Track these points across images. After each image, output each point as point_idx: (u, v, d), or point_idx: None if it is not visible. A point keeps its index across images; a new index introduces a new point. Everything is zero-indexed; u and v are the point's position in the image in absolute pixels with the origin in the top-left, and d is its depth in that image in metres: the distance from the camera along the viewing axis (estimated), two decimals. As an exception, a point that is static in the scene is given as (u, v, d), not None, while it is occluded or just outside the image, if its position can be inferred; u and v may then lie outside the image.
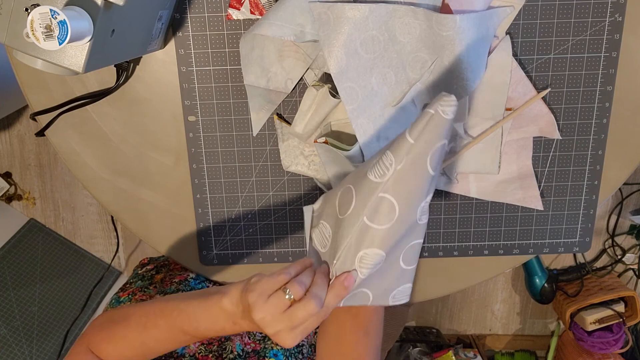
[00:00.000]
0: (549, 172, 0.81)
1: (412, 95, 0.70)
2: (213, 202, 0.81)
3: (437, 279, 0.88)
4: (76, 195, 1.84)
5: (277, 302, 0.49)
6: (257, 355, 0.72)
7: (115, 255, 1.85)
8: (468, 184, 0.81)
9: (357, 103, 0.68)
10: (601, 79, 0.76)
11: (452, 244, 0.85)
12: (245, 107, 0.77)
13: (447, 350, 1.69)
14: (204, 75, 0.75)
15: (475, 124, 0.76)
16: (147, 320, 0.57)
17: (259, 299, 0.49)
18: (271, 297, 0.49)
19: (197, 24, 0.73)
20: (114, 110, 0.78)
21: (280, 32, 0.65)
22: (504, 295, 1.94)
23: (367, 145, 0.71)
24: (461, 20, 0.63)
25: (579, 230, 0.84)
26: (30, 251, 1.76)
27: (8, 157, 1.81)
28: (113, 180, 0.81)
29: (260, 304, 0.49)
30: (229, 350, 0.71)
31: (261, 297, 0.49)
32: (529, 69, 0.75)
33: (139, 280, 0.87)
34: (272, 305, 0.49)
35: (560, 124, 0.78)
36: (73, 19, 0.47)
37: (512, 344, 1.99)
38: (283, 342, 0.49)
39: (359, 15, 0.64)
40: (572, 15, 0.73)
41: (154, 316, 0.57)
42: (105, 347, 0.59)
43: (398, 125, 0.72)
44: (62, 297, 1.73)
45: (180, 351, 0.69)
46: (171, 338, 0.57)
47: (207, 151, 0.79)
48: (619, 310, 1.66)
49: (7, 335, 1.56)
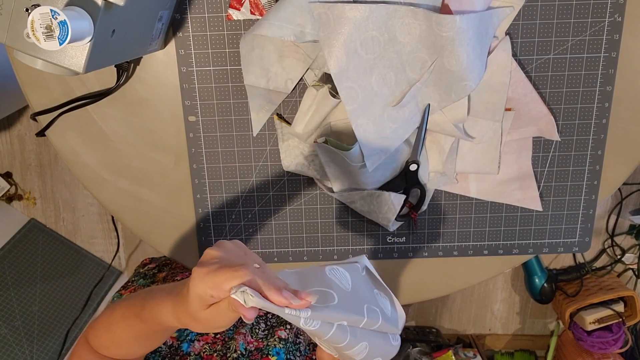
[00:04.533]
0: (549, 172, 0.81)
1: (412, 96, 0.70)
2: (213, 202, 0.82)
3: (437, 279, 0.88)
4: (76, 195, 1.84)
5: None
6: (260, 353, 0.73)
7: (115, 255, 1.85)
8: (468, 184, 0.81)
9: (357, 103, 0.68)
10: (601, 79, 0.76)
11: (451, 244, 0.85)
12: (246, 107, 0.77)
13: (446, 350, 1.69)
14: (204, 75, 0.75)
15: (475, 124, 0.76)
16: (129, 313, 0.57)
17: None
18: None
19: (197, 25, 0.73)
20: (114, 110, 0.78)
21: (281, 32, 0.65)
22: (503, 295, 1.94)
23: (367, 145, 0.71)
24: (461, 21, 0.63)
25: (578, 230, 0.84)
26: (31, 251, 1.77)
27: (8, 157, 1.81)
28: (113, 180, 0.82)
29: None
30: (232, 349, 0.72)
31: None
32: (529, 69, 0.75)
33: (140, 279, 0.87)
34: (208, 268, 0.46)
35: (559, 124, 0.78)
36: (73, 19, 0.48)
37: (511, 344, 1.99)
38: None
39: (359, 15, 0.64)
40: (571, 15, 0.73)
41: (133, 308, 0.56)
42: (99, 340, 0.60)
43: (398, 125, 0.72)
44: (62, 297, 1.73)
45: (185, 350, 0.70)
46: (148, 329, 0.55)
47: (207, 151, 0.79)
48: (618, 310, 1.67)
49: (7, 335, 1.56)
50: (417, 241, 0.85)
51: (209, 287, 0.44)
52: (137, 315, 0.54)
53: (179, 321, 0.50)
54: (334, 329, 0.47)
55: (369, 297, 0.52)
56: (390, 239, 0.85)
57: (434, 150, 0.77)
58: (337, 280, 0.50)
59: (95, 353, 0.60)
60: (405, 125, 0.73)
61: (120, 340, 0.58)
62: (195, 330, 0.50)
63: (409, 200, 0.80)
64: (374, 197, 0.77)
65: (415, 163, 0.76)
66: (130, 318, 0.55)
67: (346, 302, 0.48)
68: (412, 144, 0.76)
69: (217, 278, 0.44)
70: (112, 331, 0.58)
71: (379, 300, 0.53)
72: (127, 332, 0.56)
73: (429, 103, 0.72)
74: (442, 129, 0.74)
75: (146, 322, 0.53)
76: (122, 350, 0.59)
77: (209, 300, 0.45)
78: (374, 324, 0.50)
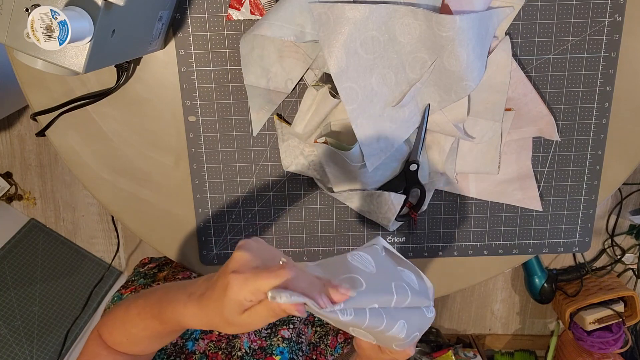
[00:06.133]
0: (549, 172, 0.81)
1: (411, 96, 0.70)
2: (213, 202, 0.82)
3: (437, 278, 0.88)
4: (76, 195, 1.84)
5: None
6: (264, 352, 0.73)
7: (115, 255, 1.85)
8: (468, 184, 0.81)
9: (357, 103, 0.68)
10: (601, 79, 0.76)
11: (452, 244, 0.85)
12: (245, 107, 0.77)
13: (446, 350, 1.69)
14: (204, 75, 0.75)
15: (475, 124, 0.76)
16: (146, 314, 0.57)
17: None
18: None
19: (198, 25, 0.73)
20: (114, 110, 0.78)
21: (281, 32, 0.65)
22: (503, 295, 1.94)
23: (367, 145, 0.71)
24: (461, 21, 0.63)
25: (578, 230, 0.84)
26: (31, 251, 1.77)
27: (8, 157, 1.81)
28: (113, 180, 0.82)
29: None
30: (237, 347, 0.72)
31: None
32: (529, 69, 0.75)
33: (141, 278, 0.87)
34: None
35: (559, 124, 0.78)
36: (73, 19, 0.48)
37: (511, 344, 1.99)
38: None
39: (359, 15, 0.64)
40: (571, 15, 0.73)
41: (150, 309, 0.56)
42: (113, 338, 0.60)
43: (398, 125, 0.72)
44: (62, 296, 1.73)
45: (190, 348, 0.70)
46: (167, 330, 0.55)
47: (207, 151, 0.79)
48: (618, 310, 1.67)
49: (7, 335, 1.56)
50: (417, 241, 0.85)
51: (250, 293, 0.44)
52: (155, 317, 0.54)
53: (209, 325, 0.49)
54: (368, 315, 0.46)
55: (395, 275, 0.52)
56: (390, 239, 0.85)
57: (434, 150, 0.77)
58: (360, 265, 0.50)
59: (110, 349, 0.60)
60: (405, 125, 0.73)
61: (136, 339, 0.58)
62: (229, 332, 0.49)
63: (409, 200, 0.80)
64: (374, 197, 0.77)
65: (415, 163, 0.76)
66: (148, 319, 0.55)
67: (374, 285, 0.48)
68: (412, 144, 0.76)
69: (257, 284, 0.43)
70: (128, 330, 0.58)
71: (404, 276, 0.53)
72: (144, 332, 0.56)
73: (429, 103, 0.72)
74: (442, 129, 0.74)
75: (166, 324, 0.53)
76: (138, 348, 0.59)
77: (246, 305, 0.45)
78: (405, 300, 0.50)
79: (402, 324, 0.49)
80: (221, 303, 0.45)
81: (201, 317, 0.49)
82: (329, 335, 0.85)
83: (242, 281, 0.44)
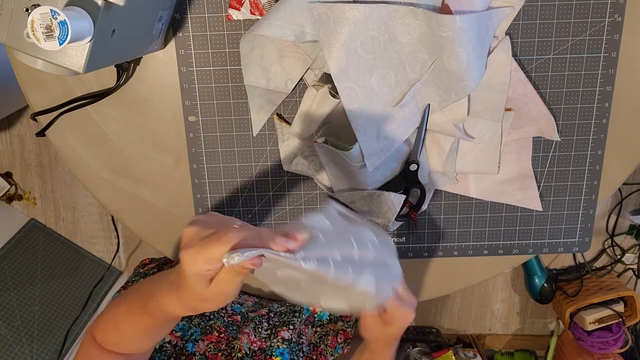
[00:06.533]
0: (549, 172, 0.81)
1: (411, 96, 0.70)
2: (213, 202, 0.82)
3: (436, 278, 0.88)
4: (76, 195, 1.84)
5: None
6: (264, 353, 0.73)
7: (115, 255, 1.85)
8: (468, 184, 0.81)
9: (357, 103, 0.68)
10: (600, 79, 0.76)
11: (451, 244, 0.85)
12: (245, 107, 0.77)
13: (446, 350, 1.69)
14: (204, 75, 0.75)
15: (475, 124, 0.76)
16: (134, 309, 0.57)
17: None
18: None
19: (198, 25, 0.73)
20: (114, 110, 0.78)
21: (281, 32, 0.65)
22: (503, 295, 1.94)
23: (367, 145, 0.71)
24: (461, 21, 0.63)
25: (578, 230, 0.84)
26: (31, 251, 1.77)
27: (8, 157, 1.81)
28: (113, 180, 0.82)
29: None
30: (237, 348, 0.72)
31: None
32: (529, 69, 0.75)
33: (141, 279, 0.87)
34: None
35: (559, 124, 0.78)
36: (73, 19, 0.48)
37: (511, 344, 2.00)
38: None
39: (359, 15, 0.64)
40: (571, 15, 0.73)
41: (137, 303, 0.56)
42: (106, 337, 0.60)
43: (398, 125, 0.72)
44: (62, 297, 1.74)
45: (190, 350, 0.70)
46: (156, 322, 0.55)
47: (207, 151, 0.79)
48: (618, 310, 1.67)
49: (7, 335, 1.56)
50: (417, 241, 0.85)
51: (203, 263, 0.44)
52: (144, 310, 0.54)
53: (191, 309, 0.49)
54: (332, 265, 0.47)
55: (352, 231, 0.53)
56: (390, 239, 0.85)
57: (434, 150, 0.77)
58: (316, 224, 0.51)
59: (103, 349, 0.60)
60: (405, 125, 0.73)
61: (129, 336, 0.58)
62: (211, 309, 0.49)
63: (409, 200, 0.80)
64: (374, 197, 0.77)
65: (415, 163, 0.76)
66: (137, 314, 0.55)
67: (332, 239, 0.50)
68: (412, 144, 0.76)
69: (206, 252, 0.44)
70: (120, 328, 0.58)
71: (361, 232, 0.54)
72: (135, 327, 0.56)
73: (429, 103, 0.72)
74: (442, 129, 0.74)
75: (154, 316, 0.53)
76: (132, 346, 0.59)
77: (207, 275, 0.45)
78: (368, 254, 0.52)
79: (369, 276, 0.50)
80: (187, 282, 0.46)
81: (182, 304, 0.49)
82: (329, 336, 0.85)
83: (193, 254, 0.44)
